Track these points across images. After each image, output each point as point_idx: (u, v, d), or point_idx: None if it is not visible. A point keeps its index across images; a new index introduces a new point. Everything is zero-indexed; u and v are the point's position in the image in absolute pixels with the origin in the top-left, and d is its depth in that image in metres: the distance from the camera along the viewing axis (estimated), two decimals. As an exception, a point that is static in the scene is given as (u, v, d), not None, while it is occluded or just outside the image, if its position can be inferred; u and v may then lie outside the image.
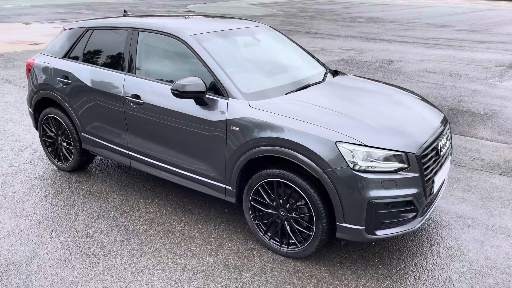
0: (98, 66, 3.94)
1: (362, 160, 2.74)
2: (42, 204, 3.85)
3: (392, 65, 9.88)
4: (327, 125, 2.85)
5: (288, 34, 15.15)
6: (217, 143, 3.20)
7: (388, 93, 3.65)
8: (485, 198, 3.98)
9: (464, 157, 4.89)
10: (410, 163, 2.81)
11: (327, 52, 11.67)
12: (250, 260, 3.10)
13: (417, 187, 2.84)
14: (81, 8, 26.68)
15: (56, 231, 3.44)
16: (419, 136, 2.95)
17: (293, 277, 2.92)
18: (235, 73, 3.36)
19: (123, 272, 2.96)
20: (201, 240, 3.33)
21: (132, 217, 3.66)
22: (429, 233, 3.44)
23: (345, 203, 2.77)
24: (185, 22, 3.99)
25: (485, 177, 4.41)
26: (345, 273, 2.97)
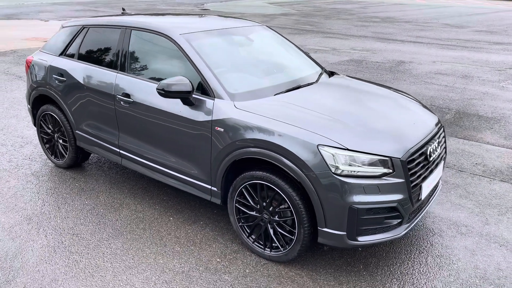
0: (91, 64, 3.96)
1: (344, 164, 2.67)
2: (34, 200, 3.89)
3: (402, 66, 9.71)
4: (310, 127, 2.79)
5: (300, 33, 15.06)
6: (203, 144, 3.17)
7: (380, 96, 3.57)
8: (482, 205, 3.86)
9: (465, 162, 4.75)
10: (394, 168, 2.73)
11: (337, 52, 11.54)
12: (233, 263, 3.07)
13: (402, 193, 2.76)
14: (98, 6, 27.01)
15: (44, 228, 3.46)
16: (406, 140, 2.87)
17: (274, 281, 2.88)
18: (224, 73, 3.33)
19: (104, 271, 2.96)
20: (186, 241, 3.31)
21: (121, 215, 3.66)
22: (419, 240, 3.35)
23: (326, 208, 2.71)
24: (178, 21, 3.97)
25: (485, 183, 4.29)
26: (327, 279, 2.91)
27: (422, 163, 2.93)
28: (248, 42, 3.92)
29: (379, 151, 2.72)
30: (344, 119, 2.98)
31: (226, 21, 4.17)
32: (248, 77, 3.52)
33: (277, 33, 4.35)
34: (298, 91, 3.39)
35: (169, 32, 3.47)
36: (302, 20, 19.45)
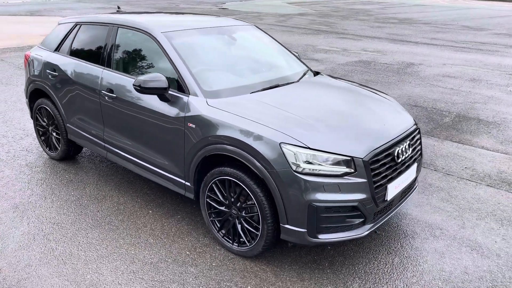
0: (81, 60, 4.10)
1: (305, 163, 2.71)
2: (24, 190, 4.05)
3: (411, 68, 9.61)
4: (275, 126, 2.84)
5: (314, 33, 15.03)
6: (177, 139, 3.26)
7: (356, 96, 3.59)
8: (462, 209, 3.83)
9: (455, 166, 4.71)
10: (356, 168, 2.76)
11: (347, 52, 11.49)
12: (201, 256, 3.15)
13: (364, 193, 2.79)
14: (120, 4, 27.50)
15: (28, 216, 3.62)
16: (371, 141, 2.89)
17: (237, 276, 2.94)
18: (202, 71, 3.41)
19: (77, 259, 3.08)
20: (160, 233, 3.41)
21: (103, 207, 3.79)
22: (390, 240, 3.36)
23: (287, 205, 2.76)
24: (164, 20, 4.06)
25: (470, 187, 4.24)
26: (290, 275, 2.96)
27: (388, 164, 2.94)
28: (231, 41, 3.99)
29: (341, 151, 2.76)
30: (312, 118, 3.01)
31: (213, 20, 4.24)
32: (226, 75, 3.59)
33: (265, 33, 4.40)
34: (274, 90, 3.44)
35: (151, 30, 3.57)
36: (318, 20, 19.40)
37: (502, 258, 3.16)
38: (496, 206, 3.89)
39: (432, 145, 5.30)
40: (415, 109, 6.67)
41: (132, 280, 2.88)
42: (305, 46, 12.52)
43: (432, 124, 6.03)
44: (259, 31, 4.37)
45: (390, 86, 8.05)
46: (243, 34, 4.18)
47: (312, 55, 11.07)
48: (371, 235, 3.42)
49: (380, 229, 3.51)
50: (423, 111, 6.62)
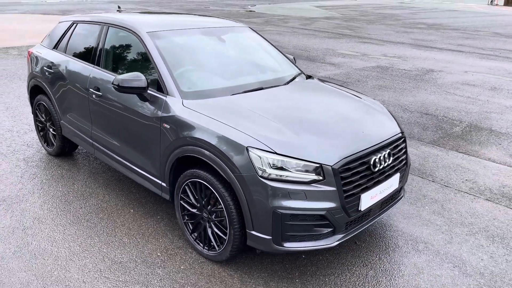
0: (75, 58, 4.16)
1: (271, 168, 2.64)
2: (15, 184, 4.14)
3: (429, 75, 9.32)
4: (245, 129, 2.78)
5: (336, 37, 14.84)
6: (154, 139, 3.24)
7: (341, 102, 3.49)
8: (453, 223, 3.65)
9: (455, 178, 4.51)
10: (325, 176, 2.66)
11: (366, 57, 11.27)
12: (172, 258, 3.11)
13: (333, 202, 2.68)
14: (151, 5, 28.04)
15: (12, 210, 3.68)
16: (344, 148, 2.78)
17: (203, 280, 2.89)
18: (184, 72, 3.39)
19: (48, 255, 3.11)
20: (136, 233, 3.40)
21: (87, 204, 3.82)
22: (368, 252, 3.23)
23: (252, 211, 2.69)
24: (153, 20, 4.06)
25: (467, 200, 4.04)
26: (257, 282, 2.88)
27: (363, 173, 2.83)
28: (220, 43, 3.95)
29: (310, 157, 2.67)
30: (286, 122, 2.94)
31: (206, 21, 4.22)
32: (208, 76, 3.56)
33: (259, 36, 4.34)
34: (256, 93, 3.38)
35: (137, 29, 3.58)
36: (343, 24, 19.15)
37: (486, 277, 2.99)
38: (490, 222, 3.68)
39: (436, 155, 5.10)
40: (424, 117, 6.45)
41: (97, 279, 2.87)
42: (324, 50, 12.36)
43: (440, 133, 5.80)
44: (253, 33, 4.32)
45: (403, 93, 7.82)
46: (235, 36, 4.14)
47: (330, 59, 10.92)
48: (350, 246, 3.30)
49: (360, 240, 3.38)
50: (433, 119, 6.38)
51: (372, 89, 8.04)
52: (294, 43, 13.34)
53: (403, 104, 7.11)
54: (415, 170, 4.66)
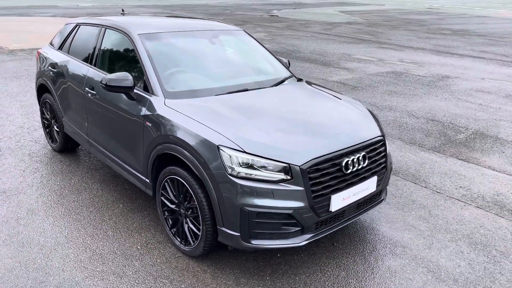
0: (75, 58, 4.35)
1: (241, 167, 2.71)
2: (17, 177, 4.35)
3: (444, 81, 9.18)
4: (219, 128, 2.87)
5: (355, 42, 14.76)
6: (138, 137, 3.37)
7: (322, 104, 3.52)
8: (437, 229, 3.62)
9: (449, 184, 4.45)
10: (293, 175, 2.72)
11: (382, 63, 11.18)
12: (150, 252, 3.22)
13: (301, 202, 2.73)
14: (175, 9, 28.57)
15: (10, 201, 3.88)
16: (314, 149, 2.83)
17: (176, 274, 2.99)
18: (170, 72, 3.51)
19: (35, 244, 3.27)
20: (121, 227, 3.53)
21: (79, 198, 3.98)
22: (344, 254, 3.25)
23: (222, 208, 2.77)
24: (147, 22, 4.20)
25: (456, 207, 4.00)
26: (227, 278, 2.96)
27: (333, 174, 2.86)
28: (211, 45, 4.05)
29: (278, 157, 2.72)
30: (262, 122, 3.01)
31: (201, 23, 4.34)
32: (195, 77, 3.66)
33: (253, 39, 4.42)
34: (240, 94, 3.46)
35: (129, 31, 3.72)
36: (365, 29, 19.01)
37: (459, 283, 2.96)
38: (476, 229, 3.64)
39: (433, 161, 5.04)
40: (430, 124, 6.37)
41: (76, 268, 3.01)
42: (340, 54, 12.33)
43: (442, 140, 5.73)
44: (247, 36, 4.41)
45: (412, 99, 7.74)
46: (227, 39, 4.24)
47: (344, 64, 10.89)
48: (327, 247, 3.33)
49: (338, 242, 3.41)
50: (438, 125, 6.30)
51: (381, 95, 8.00)
52: (311, 48, 13.36)
53: (410, 110, 7.04)
54: (409, 176, 4.63)
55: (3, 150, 5.00)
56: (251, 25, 19.65)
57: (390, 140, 5.68)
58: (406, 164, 4.94)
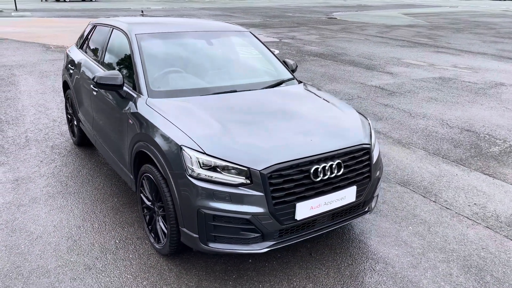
0: (88, 56, 4.57)
1: (202, 168, 2.69)
2: (33, 166, 4.65)
3: (495, 89, 8.49)
4: (186, 129, 2.86)
5: (410, 46, 14.12)
6: (124, 134, 3.46)
7: (307, 109, 3.38)
8: (431, 247, 3.35)
9: (462, 200, 4.10)
10: (253, 180, 2.64)
11: (432, 68, 10.58)
12: (126, 247, 3.29)
13: (260, 207, 2.65)
14: (235, 11, 29.05)
15: (18, 189, 4.15)
16: (279, 154, 2.72)
17: (142, 270, 3.02)
18: (160, 72, 3.56)
19: (25, 231, 3.47)
20: (108, 221, 3.64)
21: (81, 190, 4.16)
22: (318, 266, 3.10)
23: (182, 208, 2.76)
24: (149, 23, 4.28)
25: (462, 225, 3.67)
26: (191, 279, 2.94)
27: (300, 181, 2.75)
28: (207, 46, 4.05)
29: (239, 160, 2.66)
30: (233, 125, 2.95)
31: (204, 25, 4.35)
32: (184, 77, 3.68)
33: (258, 41, 4.36)
34: (224, 95, 3.43)
35: (128, 31, 3.84)
36: (425, 32, 18.11)
37: (435, 308, 2.71)
38: (476, 251, 3.31)
39: (453, 174, 4.67)
40: (463, 134, 5.92)
41: (53, 256, 3.14)
42: (389, 58, 11.85)
43: (472, 152, 5.30)
44: (253, 38, 4.36)
45: (453, 107, 7.24)
46: (229, 40, 4.22)
47: (390, 68, 10.45)
48: (303, 257, 3.20)
49: (317, 252, 3.26)
50: (472, 136, 5.83)
51: (419, 101, 7.56)
52: (360, 51, 12.97)
53: (446, 119, 6.59)
54: (419, 188, 4.33)
55: (30, 141, 5.36)
56: (305, 28, 19.48)
57: (412, 149, 5.35)
58: (421, 176, 4.62)
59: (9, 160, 4.78)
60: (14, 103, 6.98)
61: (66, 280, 2.91)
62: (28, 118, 6.23)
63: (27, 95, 7.45)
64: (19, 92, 7.63)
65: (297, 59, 11.42)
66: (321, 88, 8.15)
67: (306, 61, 11.23)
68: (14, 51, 11.89)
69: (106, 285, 2.86)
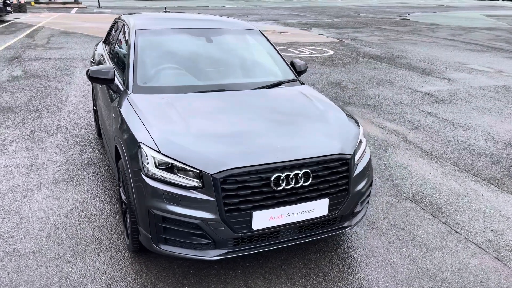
0: (105, 51, 4.70)
1: (156, 167, 2.62)
2: (51, 153, 4.88)
3: None
4: (150, 126, 2.81)
5: (480, 50, 13.06)
6: (111, 128, 3.49)
7: (291, 113, 3.17)
8: (420, 274, 2.99)
9: (478, 225, 3.64)
10: (204, 183, 2.52)
11: (498, 75, 9.64)
12: (101, 239, 3.32)
13: (211, 213, 2.53)
14: (304, 11, 28.75)
15: (30, 173, 4.37)
16: (238, 159, 2.57)
17: (107, 265, 3.02)
18: (151, 69, 3.55)
19: (18, 214, 3.62)
20: (96, 213, 3.69)
21: (84, 180, 4.29)
22: (284, 281, 2.90)
23: (137, 207, 2.72)
24: (154, 18, 4.28)
25: (467, 253, 3.25)
26: (148, 280, 2.88)
27: (258, 188, 2.57)
28: (206, 44, 3.95)
29: (192, 162, 2.55)
30: (199, 126, 2.85)
31: (210, 22, 4.28)
32: (173, 74, 3.62)
33: (265, 40, 4.20)
34: (206, 94, 3.34)
35: (131, 26, 3.88)
36: (504, 36, 16.60)
37: None
38: (472, 284, 2.91)
39: (479, 194, 4.17)
40: (509, 150, 5.28)
41: (32, 241, 3.25)
42: (452, 63, 10.99)
43: (507, 171, 4.70)
44: (260, 36, 4.21)
45: (507, 119, 6.51)
46: (232, 38, 4.10)
47: (448, 74, 9.68)
48: (272, 269, 3.01)
49: (289, 266, 3.05)
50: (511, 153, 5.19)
51: (469, 111, 6.90)
52: (421, 55, 12.18)
53: (492, 132, 5.94)
54: (432, 207, 3.92)
55: (60, 129, 5.66)
56: (370, 29, 18.74)
57: (440, 163, 4.87)
58: (439, 193, 4.18)
59: (33, 146, 5.07)
60: (61, 93, 7.43)
61: (33, 266, 2.99)
62: (67, 108, 6.59)
63: (75, 87, 7.90)
64: (69, 83, 8.11)
65: (349, 60, 10.99)
66: (321, 93, 7.76)
67: (359, 63, 10.76)
68: (81, 44, 12.71)
69: (66, 276, 2.90)
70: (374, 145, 5.37)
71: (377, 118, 6.47)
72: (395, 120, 6.40)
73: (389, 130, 5.94)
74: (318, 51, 12.34)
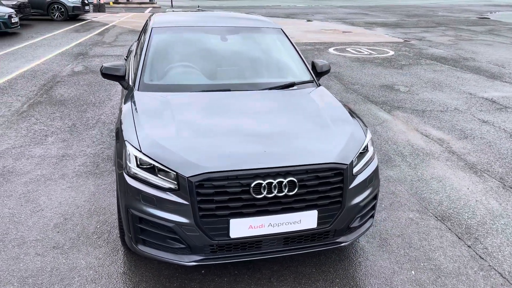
0: (134, 48, 4.79)
1: (138, 167, 2.58)
2: (84, 146, 5.07)
3: None
4: (139, 125, 2.78)
5: None
6: (120, 124, 3.53)
7: (290, 117, 2.97)
8: (423, 302, 2.68)
9: (509, 250, 3.20)
10: (180, 186, 2.44)
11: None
12: (101, 233, 3.35)
13: (186, 217, 2.44)
14: (375, 10, 27.73)
15: (58, 164, 4.56)
16: (218, 163, 2.44)
17: (98, 259, 3.04)
18: (160, 66, 3.54)
19: (32, 203, 3.78)
20: (94, 207, 3.69)
21: (105, 173, 4.40)
22: None
23: (120, 205, 2.70)
24: (175, 16, 4.25)
25: (486, 283, 2.86)
26: (132, 280, 2.85)
27: (237, 195, 2.44)
28: (221, 42, 3.84)
29: (169, 163, 2.48)
30: (187, 126, 2.78)
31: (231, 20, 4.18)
32: (180, 72, 3.57)
33: (286, 39, 4.02)
34: (209, 93, 3.27)
35: (151, 24, 3.91)
36: None
37: None
38: (482, 321, 2.54)
39: (520, 216, 3.68)
40: None
41: (37, 229, 3.37)
42: (527, 67, 9.93)
43: None
44: (281, 35, 4.03)
45: None
46: (250, 36, 3.96)
47: None
48: (261, 279, 2.86)
49: (279, 278, 2.88)
50: None
51: None
52: (493, 57, 11.16)
53: (556, 145, 5.24)
54: (459, 227, 3.51)
55: (99, 123, 5.89)
56: (443, 28, 17.59)
57: (483, 178, 4.38)
58: (473, 212, 3.74)
59: (70, 138, 5.32)
60: (111, 88, 7.75)
61: (32, 254, 3.09)
62: (112, 102, 6.86)
63: (126, 82, 8.20)
64: (122, 79, 8.45)
65: (409, 62, 10.36)
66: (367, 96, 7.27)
67: (419, 65, 10.10)
68: (144, 42, 13.22)
69: (57, 267, 2.96)
70: (411, 154, 4.96)
71: (423, 124, 5.99)
72: (443, 127, 5.88)
73: (433, 138, 5.46)
74: (377, 52, 11.78)
